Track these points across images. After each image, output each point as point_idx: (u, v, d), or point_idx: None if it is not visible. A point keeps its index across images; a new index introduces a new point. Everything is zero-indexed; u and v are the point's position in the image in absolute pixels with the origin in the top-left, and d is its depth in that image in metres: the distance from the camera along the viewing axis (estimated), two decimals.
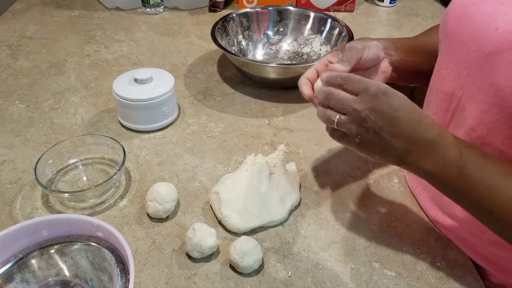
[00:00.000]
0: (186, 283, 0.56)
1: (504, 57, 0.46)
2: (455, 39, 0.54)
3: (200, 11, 1.29)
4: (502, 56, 0.46)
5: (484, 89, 0.49)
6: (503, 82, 0.46)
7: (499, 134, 0.49)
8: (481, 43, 0.49)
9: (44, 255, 0.51)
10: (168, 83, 0.79)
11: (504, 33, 0.46)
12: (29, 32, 1.15)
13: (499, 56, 0.46)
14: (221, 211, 0.62)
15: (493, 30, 0.47)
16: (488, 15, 0.49)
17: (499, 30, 0.47)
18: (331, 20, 1.01)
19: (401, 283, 0.56)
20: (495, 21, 0.47)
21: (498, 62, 0.47)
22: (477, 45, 0.50)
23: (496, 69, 0.47)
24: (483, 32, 0.49)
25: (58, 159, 0.70)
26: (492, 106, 0.48)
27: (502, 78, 0.46)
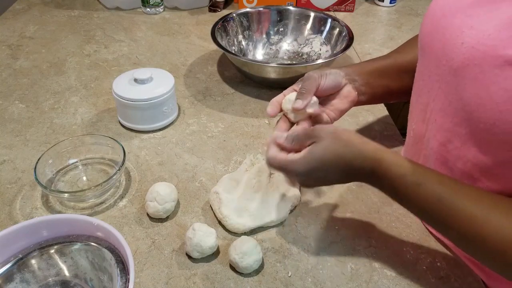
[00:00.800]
0: (186, 283, 0.55)
1: (469, 72, 0.45)
2: (427, 52, 0.54)
3: (200, 11, 1.29)
4: (468, 71, 0.46)
5: (454, 103, 0.49)
6: (469, 97, 0.46)
7: (472, 147, 0.49)
8: (450, 57, 0.48)
9: (44, 255, 0.51)
10: (168, 83, 0.79)
11: (469, 47, 0.45)
12: (29, 32, 1.15)
13: (465, 71, 0.46)
14: (221, 211, 0.62)
15: (460, 44, 0.47)
16: (456, 29, 0.48)
17: (465, 45, 0.46)
18: (331, 20, 1.01)
19: (401, 283, 0.56)
20: (462, 34, 0.47)
21: (464, 77, 0.46)
22: (446, 59, 0.49)
23: (463, 85, 0.47)
24: (451, 46, 0.48)
25: (58, 159, 0.70)
26: (463, 120, 0.48)
27: (468, 93, 0.46)
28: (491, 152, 0.47)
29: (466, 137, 0.49)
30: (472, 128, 0.47)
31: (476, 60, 0.44)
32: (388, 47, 1.11)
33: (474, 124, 0.47)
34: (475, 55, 0.45)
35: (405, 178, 0.49)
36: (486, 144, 0.47)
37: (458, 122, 0.49)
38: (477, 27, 0.45)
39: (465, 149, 0.50)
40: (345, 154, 0.50)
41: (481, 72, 0.44)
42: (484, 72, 0.43)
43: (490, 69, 0.43)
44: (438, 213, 0.47)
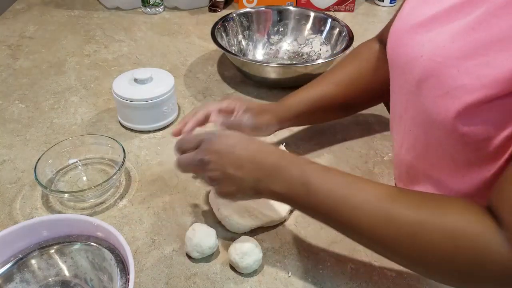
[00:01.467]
0: (186, 283, 0.55)
1: (428, 83, 0.47)
2: (394, 66, 0.56)
3: (200, 11, 1.29)
4: (427, 82, 0.47)
5: (421, 114, 0.51)
6: (429, 106, 0.48)
7: (446, 156, 0.50)
8: (413, 70, 0.50)
9: (44, 255, 0.51)
10: (168, 83, 0.79)
11: (427, 59, 0.47)
12: (29, 32, 1.15)
13: (425, 83, 0.48)
14: (220, 211, 0.62)
15: (420, 57, 0.48)
16: (417, 43, 0.50)
17: (424, 57, 0.48)
18: (331, 20, 1.01)
19: (401, 283, 0.56)
20: (422, 48, 0.49)
21: (425, 89, 0.48)
22: (410, 72, 0.51)
23: (424, 95, 0.48)
24: (413, 60, 0.50)
25: (58, 159, 0.70)
26: (432, 129, 0.50)
27: (428, 103, 0.48)
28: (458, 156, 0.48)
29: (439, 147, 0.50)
30: (437, 135, 0.49)
31: (434, 71, 0.46)
32: None
33: (439, 132, 0.48)
34: (433, 66, 0.46)
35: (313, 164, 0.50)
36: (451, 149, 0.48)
37: (428, 132, 0.51)
38: (435, 40, 0.47)
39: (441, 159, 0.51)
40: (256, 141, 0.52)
41: (438, 82, 0.46)
42: (441, 82, 0.45)
43: (445, 79, 0.45)
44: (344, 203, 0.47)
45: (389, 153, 0.77)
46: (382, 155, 0.77)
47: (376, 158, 0.76)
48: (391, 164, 0.75)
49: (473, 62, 0.42)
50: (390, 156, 0.76)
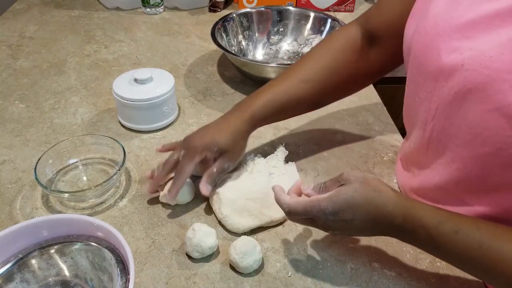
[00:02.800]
0: (186, 283, 0.56)
1: (473, 95, 0.44)
2: (422, 71, 0.52)
3: (200, 11, 1.29)
4: (471, 94, 0.44)
5: (456, 125, 0.48)
6: (474, 120, 0.45)
7: (475, 169, 0.48)
8: (449, 79, 0.47)
9: (44, 255, 0.51)
10: (168, 83, 0.79)
11: (470, 70, 0.44)
12: (29, 32, 1.15)
13: (468, 94, 0.45)
14: (221, 211, 0.62)
15: (460, 66, 0.45)
16: (454, 50, 0.46)
17: (465, 67, 0.44)
18: (331, 20, 1.01)
19: (401, 283, 0.56)
20: (461, 56, 0.45)
21: (468, 101, 0.45)
22: (445, 81, 0.48)
23: (466, 108, 0.46)
24: (449, 68, 0.47)
25: (58, 159, 0.70)
26: (466, 142, 0.47)
27: (472, 116, 0.45)
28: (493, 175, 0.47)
29: (469, 159, 0.48)
30: (477, 151, 0.46)
31: (479, 84, 0.43)
32: None
33: (479, 147, 0.46)
34: (478, 78, 0.43)
35: (442, 225, 0.47)
36: (489, 167, 0.46)
37: (460, 144, 0.48)
38: (477, 49, 0.44)
39: (468, 171, 0.49)
40: (374, 198, 0.48)
41: (485, 96, 0.43)
42: (489, 96, 0.42)
43: (494, 93, 0.42)
44: (480, 260, 0.45)
45: (389, 153, 0.77)
46: (382, 155, 0.77)
47: (376, 158, 0.76)
48: (391, 164, 0.75)
49: None
50: (390, 156, 0.76)
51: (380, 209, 0.48)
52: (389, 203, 0.48)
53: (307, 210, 0.50)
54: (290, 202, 0.53)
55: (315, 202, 0.50)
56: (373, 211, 0.48)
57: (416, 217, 0.47)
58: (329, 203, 0.49)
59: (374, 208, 0.48)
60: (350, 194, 0.48)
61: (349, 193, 0.48)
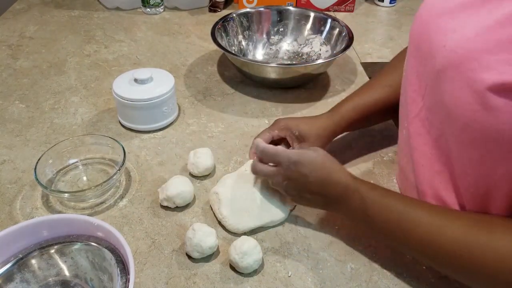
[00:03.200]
0: (186, 283, 0.56)
1: (447, 74, 0.47)
2: (416, 53, 0.56)
3: (200, 11, 1.29)
4: (446, 73, 0.47)
5: (438, 104, 0.50)
6: (448, 98, 0.47)
7: (459, 144, 0.50)
8: (434, 59, 0.50)
9: (44, 255, 0.51)
10: (168, 83, 0.79)
11: (449, 50, 0.47)
12: (29, 32, 1.15)
13: (445, 73, 0.47)
14: (220, 211, 0.62)
15: (442, 47, 0.48)
16: (441, 31, 0.49)
17: (447, 47, 0.47)
18: (331, 20, 1.01)
19: (401, 283, 0.56)
20: (444, 38, 0.48)
21: (444, 80, 0.48)
22: (431, 61, 0.51)
23: (443, 86, 0.48)
24: (435, 49, 0.50)
25: (58, 159, 0.70)
26: (443, 120, 0.50)
27: (447, 94, 0.47)
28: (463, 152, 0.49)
29: (453, 135, 0.50)
30: (451, 129, 0.49)
31: (454, 62, 0.46)
32: (388, 47, 1.11)
33: (452, 123, 0.48)
34: (454, 57, 0.46)
35: (373, 190, 0.55)
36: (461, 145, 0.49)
37: (444, 121, 0.50)
38: (459, 31, 0.47)
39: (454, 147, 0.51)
40: (330, 166, 0.57)
41: (458, 73, 0.45)
42: (461, 73, 0.45)
43: (465, 71, 0.44)
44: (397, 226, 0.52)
45: (389, 153, 0.77)
46: (382, 155, 0.77)
47: (376, 158, 0.76)
48: (391, 164, 0.75)
49: (495, 58, 0.42)
50: (390, 156, 0.76)
51: (330, 176, 0.56)
52: (338, 173, 0.56)
53: (277, 153, 0.58)
54: (265, 145, 0.61)
55: (285, 151, 0.59)
56: (325, 175, 0.56)
57: (355, 186, 0.55)
58: (295, 154, 0.57)
59: (326, 173, 0.56)
60: (314, 155, 0.57)
61: (313, 154, 0.57)
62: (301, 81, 0.94)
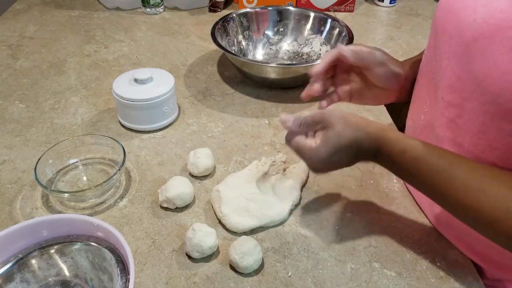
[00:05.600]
0: (186, 283, 0.56)
1: (479, 45, 0.47)
2: (441, 33, 0.56)
3: (200, 11, 1.29)
4: (477, 44, 0.47)
5: (463, 78, 0.51)
6: (478, 70, 0.48)
7: (477, 120, 0.50)
8: (462, 33, 0.50)
9: (44, 255, 0.51)
10: (168, 83, 0.79)
11: (480, 22, 0.47)
12: (29, 32, 1.15)
13: (475, 45, 0.48)
14: (221, 209, 0.62)
15: (472, 21, 0.49)
16: (469, 7, 0.50)
17: (477, 21, 0.48)
18: (331, 20, 1.01)
19: (401, 283, 0.56)
20: (474, 13, 0.49)
21: (474, 51, 0.48)
22: (458, 36, 0.51)
23: (472, 58, 0.48)
24: (464, 23, 0.50)
25: (58, 159, 0.70)
26: (470, 93, 0.50)
27: (477, 66, 0.48)
28: (495, 124, 0.48)
29: (474, 110, 0.50)
30: (480, 100, 0.49)
31: (486, 33, 0.46)
32: (388, 47, 1.11)
33: (481, 96, 0.48)
34: (485, 28, 0.46)
35: (405, 154, 0.52)
36: (492, 116, 0.48)
37: (466, 97, 0.50)
38: (490, 5, 0.47)
39: (472, 122, 0.51)
40: (356, 137, 0.53)
41: (490, 43, 0.46)
42: (494, 43, 0.45)
43: (499, 41, 0.45)
44: (436, 185, 0.50)
45: None
46: None
47: None
48: None
49: None
50: None
51: (361, 146, 0.54)
52: (366, 139, 0.54)
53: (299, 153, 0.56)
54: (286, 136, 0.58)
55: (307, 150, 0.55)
56: (355, 149, 0.54)
57: (385, 147, 0.53)
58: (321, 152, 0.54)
59: (356, 146, 0.54)
60: (336, 140, 0.53)
61: (335, 139, 0.53)
62: (301, 81, 0.94)
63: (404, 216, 0.65)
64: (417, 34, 1.18)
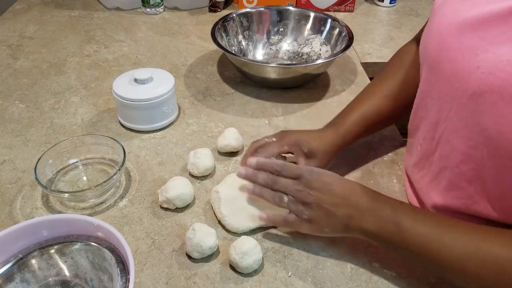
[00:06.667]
0: (186, 283, 0.56)
1: (487, 98, 0.44)
2: (436, 71, 0.53)
3: (200, 11, 1.29)
4: (485, 97, 0.44)
5: (469, 127, 0.48)
6: (488, 123, 0.45)
7: (487, 170, 0.48)
8: (464, 81, 0.47)
9: (44, 255, 0.51)
10: (168, 83, 0.79)
11: (486, 73, 0.44)
12: (29, 32, 1.15)
13: (482, 97, 0.45)
14: (220, 210, 0.62)
15: (475, 68, 0.45)
16: (469, 50, 0.46)
17: (481, 70, 0.44)
18: (331, 20, 1.01)
19: (401, 283, 0.56)
20: (476, 58, 0.45)
21: (482, 103, 0.45)
22: (459, 83, 0.48)
23: (480, 110, 0.45)
24: (464, 70, 0.47)
25: (58, 159, 0.70)
26: (478, 144, 0.48)
27: (487, 119, 0.45)
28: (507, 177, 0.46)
29: (481, 161, 0.48)
30: (491, 153, 0.46)
31: (494, 87, 0.43)
32: (388, 47, 1.11)
33: (493, 149, 0.46)
34: (493, 82, 0.43)
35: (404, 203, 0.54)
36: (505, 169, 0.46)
37: (473, 146, 0.48)
38: (493, 51, 0.44)
39: (481, 171, 0.49)
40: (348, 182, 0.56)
41: (501, 99, 0.43)
42: (504, 99, 0.42)
43: (510, 97, 0.42)
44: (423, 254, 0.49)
45: (389, 153, 0.77)
46: (382, 155, 0.77)
47: (376, 158, 0.76)
48: (392, 164, 0.75)
49: None
50: (390, 156, 0.76)
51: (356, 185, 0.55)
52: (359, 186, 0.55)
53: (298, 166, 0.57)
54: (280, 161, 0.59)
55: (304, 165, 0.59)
56: (348, 185, 0.55)
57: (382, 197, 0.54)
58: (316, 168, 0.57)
59: (348, 184, 0.55)
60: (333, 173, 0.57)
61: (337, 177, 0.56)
62: (301, 81, 0.94)
63: None
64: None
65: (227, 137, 0.74)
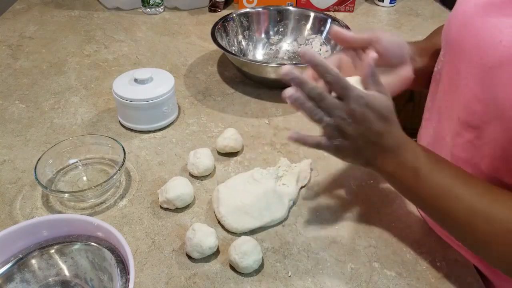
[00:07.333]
0: (186, 283, 0.56)
1: (505, 71, 0.45)
2: (457, 49, 0.53)
3: (200, 11, 1.29)
4: (504, 70, 0.45)
5: (483, 101, 0.49)
6: (504, 96, 0.45)
7: (498, 146, 0.48)
8: (485, 55, 0.48)
9: (44, 255, 0.51)
10: (168, 83, 0.79)
11: (508, 46, 0.45)
12: (29, 32, 1.15)
13: (501, 70, 0.45)
14: (219, 210, 0.62)
15: (498, 42, 0.46)
16: (493, 27, 0.47)
17: (503, 43, 0.45)
18: (331, 20, 1.01)
19: (401, 283, 0.56)
20: (500, 33, 0.46)
21: (500, 76, 0.46)
22: (480, 57, 0.49)
23: (497, 83, 0.46)
24: (487, 44, 0.48)
25: (58, 159, 0.70)
26: (492, 119, 0.48)
27: (503, 92, 0.45)
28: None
29: (493, 136, 0.48)
30: (504, 127, 0.47)
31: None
32: None
33: (505, 123, 0.47)
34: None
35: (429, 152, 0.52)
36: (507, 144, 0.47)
37: (487, 120, 0.49)
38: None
39: (491, 148, 0.49)
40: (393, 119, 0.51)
41: None
42: None
43: None
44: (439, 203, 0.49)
45: None
46: None
47: None
48: None
49: None
50: None
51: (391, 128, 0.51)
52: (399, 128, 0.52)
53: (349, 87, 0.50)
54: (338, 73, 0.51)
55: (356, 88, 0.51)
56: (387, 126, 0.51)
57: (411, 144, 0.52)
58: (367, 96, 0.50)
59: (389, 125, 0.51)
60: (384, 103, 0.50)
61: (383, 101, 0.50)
62: None
63: (404, 216, 0.65)
64: (417, 34, 1.17)
65: (226, 138, 0.74)
